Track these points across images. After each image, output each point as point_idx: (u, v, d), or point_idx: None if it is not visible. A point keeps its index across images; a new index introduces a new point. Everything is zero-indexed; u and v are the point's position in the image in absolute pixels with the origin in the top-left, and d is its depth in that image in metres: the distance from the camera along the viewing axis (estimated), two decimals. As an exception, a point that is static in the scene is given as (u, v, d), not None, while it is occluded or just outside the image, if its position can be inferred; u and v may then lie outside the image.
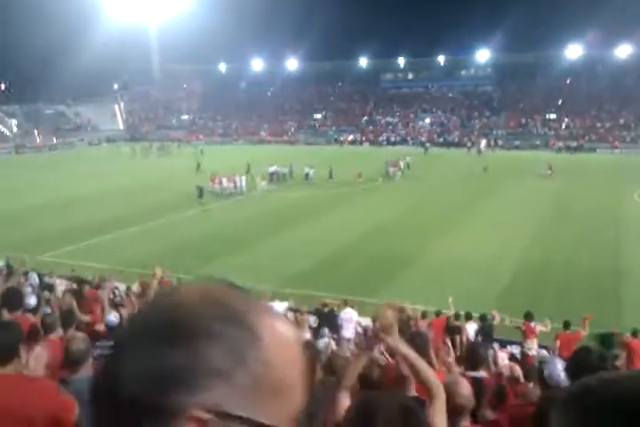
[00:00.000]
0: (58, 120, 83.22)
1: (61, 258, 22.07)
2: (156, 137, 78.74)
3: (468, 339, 11.55)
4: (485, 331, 12.07)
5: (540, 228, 26.24)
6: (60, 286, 14.99)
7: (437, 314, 13.42)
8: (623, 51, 72.51)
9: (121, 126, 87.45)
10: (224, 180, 36.22)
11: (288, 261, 21.61)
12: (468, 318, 12.79)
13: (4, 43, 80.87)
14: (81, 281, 13.24)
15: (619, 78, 71.66)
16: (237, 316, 0.70)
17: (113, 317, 8.29)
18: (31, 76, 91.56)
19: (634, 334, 11.02)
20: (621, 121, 65.39)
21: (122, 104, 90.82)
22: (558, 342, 11.13)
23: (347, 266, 21.12)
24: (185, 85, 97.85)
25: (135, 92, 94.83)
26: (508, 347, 12.19)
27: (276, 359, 0.67)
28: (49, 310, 8.79)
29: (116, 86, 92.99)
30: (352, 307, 13.79)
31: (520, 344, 11.99)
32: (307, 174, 40.62)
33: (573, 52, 75.11)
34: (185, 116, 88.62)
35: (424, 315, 13.15)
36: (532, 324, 11.95)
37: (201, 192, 33.93)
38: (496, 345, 11.67)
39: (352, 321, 13.04)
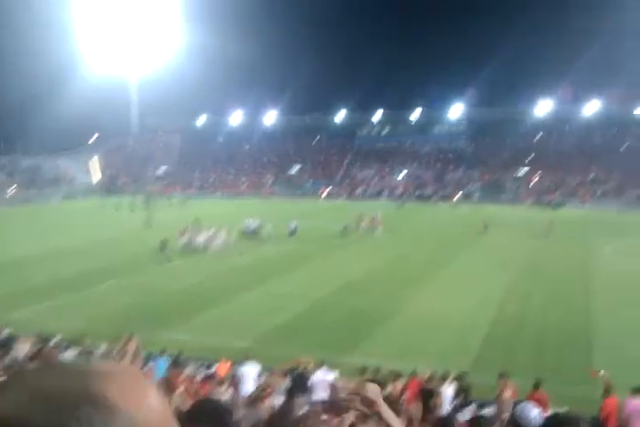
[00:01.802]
0: (34, 172, 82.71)
1: (28, 316, 21.27)
2: (132, 190, 78.48)
3: (442, 403, 11.21)
4: (463, 392, 11.75)
5: (513, 283, 26.32)
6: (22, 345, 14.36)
7: (413, 375, 13.08)
8: (592, 107, 75.62)
9: (98, 179, 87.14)
10: (197, 234, 35.89)
11: (260, 317, 21.19)
12: (445, 378, 12.45)
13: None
14: (42, 341, 12.71)
15: (588, 134, 74.43)
16: (99, 398, 0.69)
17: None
18: (8, 127, 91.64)
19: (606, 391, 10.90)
20: (591, 176, 67.31)
21: (99, 157, 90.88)
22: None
23: (322, 322, 20.75)
24: (163, 138, 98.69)
25: (113, 145, 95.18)
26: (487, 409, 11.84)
27: None
28: None
29: (93, 139, 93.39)
30: (327, 367, 13.35)
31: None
32: (291, 230, 40.58)
33: (544, 107, 78.09)
34: (162, 169, 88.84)
35: (397, 376, 12.80)
36: (508, 383, 11.68)
37: (164, 246, 33.20)
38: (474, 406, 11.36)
39: (327, 382, 12.61)
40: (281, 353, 15.99)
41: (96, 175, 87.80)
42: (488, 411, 11.19)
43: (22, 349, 12.74)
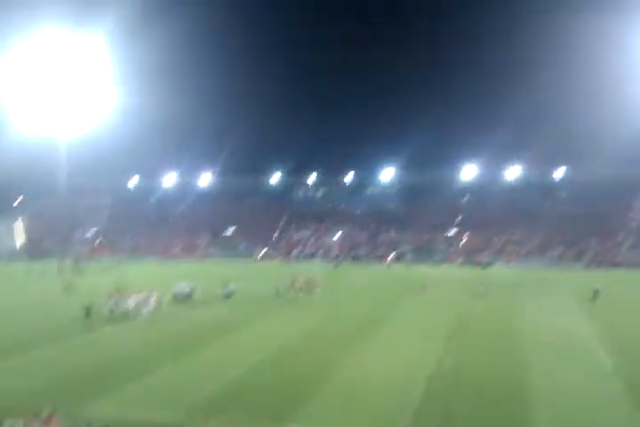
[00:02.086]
0: (-50, 235, 78.17)
1: None
2: (59, 253, 75.29)
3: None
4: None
5: (446, 341, 26.71)
6: None
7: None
8: (514, 171, 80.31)
9: (21, 242, 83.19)
10: (127, 299, 34.56)
11: (192, 386, 20.30)
12: None
13: None
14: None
15: (510, 197, 78.62)
16: None
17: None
18: None
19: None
20: (514, 236, 70.56)
21: (23, 219, 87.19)
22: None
23: (257, 389, 20.12)
24: (93, 200, 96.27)
25: (39, 207, 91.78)
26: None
27: None
28: None
29: (18, 201, 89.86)
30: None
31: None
32: (229, 291, 39.91)
33: (470, 171, 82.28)
34: (91, 232, 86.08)
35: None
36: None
37: (89, 312, 32.18)
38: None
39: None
40: (215, 424, 15.29)
41: (20, 238, 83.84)
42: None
43: None
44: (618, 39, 59.23)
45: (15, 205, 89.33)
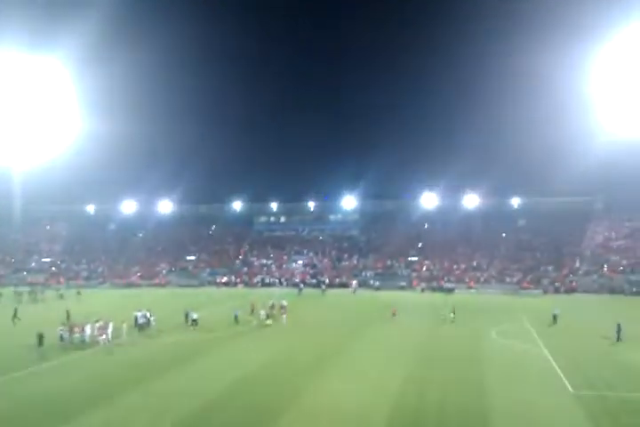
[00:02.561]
0: None
1: None
2: (12, 281, 72.74)
3: None
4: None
5: (409, 368, 26.69)
6: None
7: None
8: (471, 200, 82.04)
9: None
10: (84, 327, 33.56)
11: (151, 418, 19.67)
12: None
13: None
14: None
15: (469, 224, 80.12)
16: None
17: None
18: None
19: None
20: (474, 263, 71.70)
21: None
22: None
23: (218, 419, 19.63)
24: (48, 227, 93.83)
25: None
26: None
27: None
28: None
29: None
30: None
31: None
32: (191, 318, 39.15)
33: (428, 200, 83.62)
34: (46, 259, 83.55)
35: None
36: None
37: (41, 340, 31.19)
38: None
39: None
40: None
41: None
42: None
43: None
44: (566, 71, 62.01)
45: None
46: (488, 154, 79.95)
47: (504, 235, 78.06)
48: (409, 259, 75.17)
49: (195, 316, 39.42)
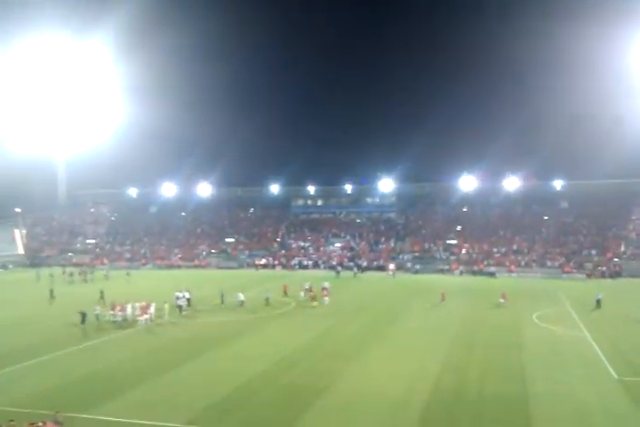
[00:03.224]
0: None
1: None
2: (57, 262, 75.24)
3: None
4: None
5: (448, 352, 26.48)
6: None
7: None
8: (512, 183, 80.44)
9: (20, 251, 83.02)
10: (126, 307, 34.53)
11: (194, 394, 20.17)
12: None
13: None
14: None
15: (510, 207, 78.58)
16: None
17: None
18: None
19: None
20: (515, 247, 70.45)
21: (23, 228, 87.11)
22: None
23: (258, 398, 19.96)
24: (92, 210, 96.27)
25: (38, 217, 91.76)
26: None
27: None
28: None
29: (17, 210, 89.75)
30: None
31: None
32: (241, 301, 39.82)
33: (468, 182, 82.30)
34: (91, 241, 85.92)
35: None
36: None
37: (83, 318, 32.45)
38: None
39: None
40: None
41: (18, 248, 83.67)
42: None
43: None
44: (619, 51, 59.69)
45: (14, 216, 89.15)
46: (530, 135, 78.14)
47: (546, 218, 76.29)
48: (447, 242, 74.34)
49: (242, 297, 40.02)
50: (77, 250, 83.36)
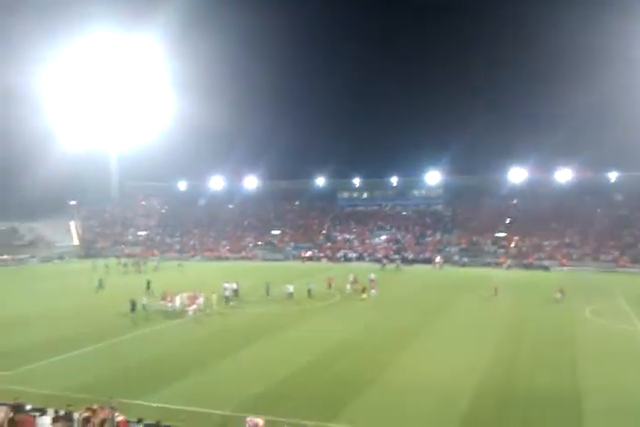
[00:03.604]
0: (9, 237, 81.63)
1: (4, 383, 20.41)
2: (111, 253, 77.75)
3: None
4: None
5: (497, 347, 26.03)
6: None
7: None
8: (564, 174, 78.24)
9: (75, 242, 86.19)
10: (175, 297, 35.39)
11: (242, 383, 20.55)
12: None
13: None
14: (17, 408, 12.17)
15: (561, 200, 76.42)
16: None
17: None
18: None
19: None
20: (567, 240, 68.56)
21: (77, 221, 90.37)
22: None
23: (305, 388, 20.19)
24: (143, 202, 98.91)
25: (92, 209, 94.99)
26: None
27: None
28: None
29: (72, 203, 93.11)
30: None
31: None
32: (290, 293, 40.11)
33: (518, 174, 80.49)
34: (142, 233, 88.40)
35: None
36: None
37: (133, 307, 33.40)
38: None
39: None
40: (264, 422, 15.37)
41: (74, 239, 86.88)
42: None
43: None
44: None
45: (69, 208, 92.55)
46: (582, 126, 75.57)
47: (599, 210, 73.86)
48: (496, 235, 72.99)
49: (291, 289, 40.41)
50: (129, 241, 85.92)
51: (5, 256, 72.28)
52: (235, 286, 40.67)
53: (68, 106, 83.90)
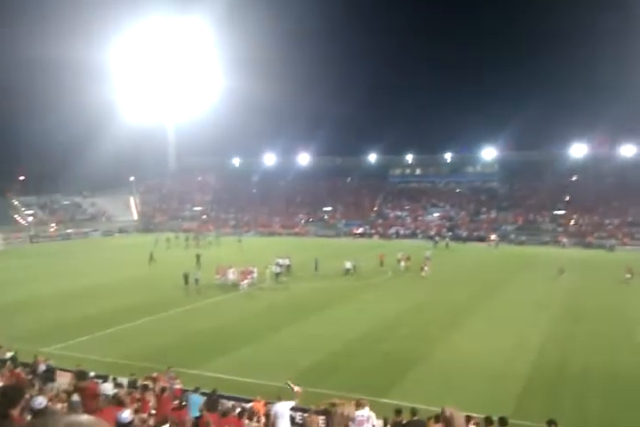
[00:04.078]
0: (73, 211, 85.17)
1: (69, 350, 21.61)
2: (168, 228, 79.99)
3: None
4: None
5: (554, 326, 25.53)
6: (64, 378, 14.55)
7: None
8: (628, 150, 74.72)
9: (135, 217, 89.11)
10: (230, 271, 36.12)
11: (295, 356, 21.01)
12: (489, 423, 11.77)
13: (25, 137, 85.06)
14: (82, 375, 12.85)
15: (624, 176, 73.09)
16: None
17: (126, 413, 8.02)
18: (50, 168, 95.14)
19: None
20: (629, 218, 65.83)
21: (137, 196, 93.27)
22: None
23: (357, 362, 20.46)
24: (199, 178, 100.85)
25: (150, 185, 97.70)
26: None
27: None
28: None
29: (132, 178, 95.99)
30: (367, 407, 12.84)
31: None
32: (347, 269, 40.27)
33: (578, 150, 77.34)
34: (198, 208, 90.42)
35: (436, 418, 12.42)
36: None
37: (186, 280, 34.35)
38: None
39: (367, 423, 12.28)
40: (314, 394, 15.69)
41: (133, 214, 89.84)
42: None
43: (63, 381, 12.91)
44: None
45: (128, 183, 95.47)
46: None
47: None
48: (554, 213, 70.80)
49: (348, 265, 40.42)
50: (186, 216, 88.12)
51: (70, 230, 75.58)
52: (287, 261, 41.27)
53: (128, 82, 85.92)
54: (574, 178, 77.97)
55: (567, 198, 73.49)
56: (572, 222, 67.66)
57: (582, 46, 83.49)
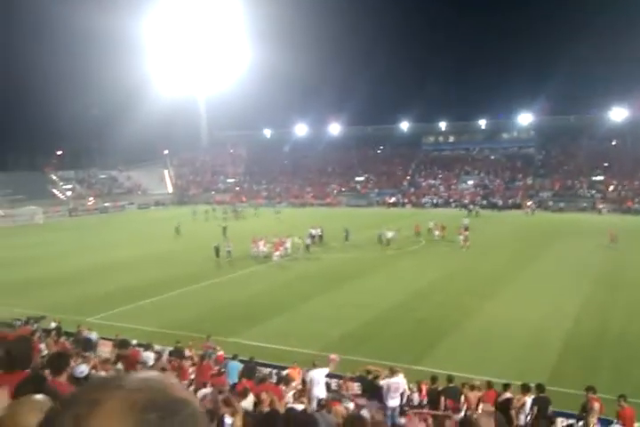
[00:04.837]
0: (110, 184, 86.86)
1: (109, 320, 22.35)
2: (202, 200, 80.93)
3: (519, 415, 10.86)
4: (541, 403, 11.25)
5: (590, 294, 25.10)
6: (105, 347, 15.08)
7: (489, 386, 12.65)
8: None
9: (169, 190, 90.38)
10: (262, 242, 36.33)
11: (328, 325, 21.25)
12: (526, 389, 11.75)
13: (62, 113, 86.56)
14: (123, 344, 13.28)
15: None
16: (187, 401, 0.99)
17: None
18: (86, 143, 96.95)
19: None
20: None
21: (171, 169, 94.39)
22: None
23: (390, 331, 20.59)
24: (231, 150, 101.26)
25: (184, 158, 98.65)
26: (568, 420, 11.44)
27: None
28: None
29: (165, 152, 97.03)
30: (401, 375, 13.03)
31: (580, 418, 11.16)
32: (388, 239, 39.44)
33: (618, 114, 74.61)
34: (231, 180, 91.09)
35: (472, 386, 12.52)
36: (596, 397, 11.14)
37: (217, 252, 34.94)
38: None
39: (400, 390, 12.49)
40: (349, 361, 15.92)
41: (168, 187, 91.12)
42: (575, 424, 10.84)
43: (105, 350, 13.38)
44: None
45: (162, 156, 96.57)
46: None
47: None
48: (592, 179, 69.00)
49: (389, 235, 39.84)
50: (219, 189, 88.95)
51: (107, 204, 77.24)
52: (320, 231, 41.42)
53: (159, 55, 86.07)
54: (613, 143, 75.52)
55: (606, 164, 71.41)
56: (611, 188, 65.88)
57: (626, 7, 79.78)
